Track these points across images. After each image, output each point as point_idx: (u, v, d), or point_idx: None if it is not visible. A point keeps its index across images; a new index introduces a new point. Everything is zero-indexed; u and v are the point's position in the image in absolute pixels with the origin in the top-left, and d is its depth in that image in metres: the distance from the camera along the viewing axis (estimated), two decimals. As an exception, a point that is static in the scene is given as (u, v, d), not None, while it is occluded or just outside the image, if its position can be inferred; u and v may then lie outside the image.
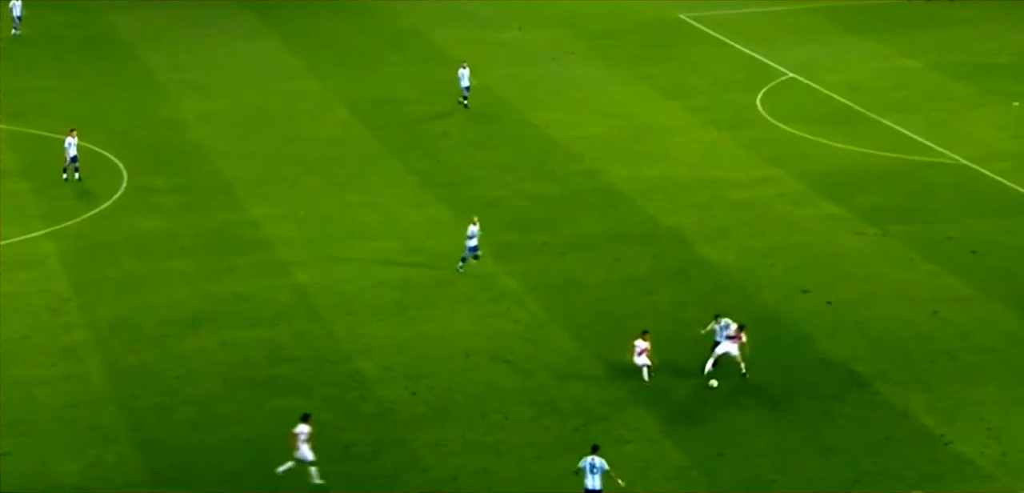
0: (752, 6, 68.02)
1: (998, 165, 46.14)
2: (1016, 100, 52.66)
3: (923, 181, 45.61)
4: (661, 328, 36.60)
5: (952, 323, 36.11)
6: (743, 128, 51.44)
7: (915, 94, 54.24)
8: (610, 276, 39.72)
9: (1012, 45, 59.53)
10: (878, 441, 31.14)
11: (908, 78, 56.33)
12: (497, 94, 56.18)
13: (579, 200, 45.34)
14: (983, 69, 56.50)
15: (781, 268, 39.76)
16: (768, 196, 45.00)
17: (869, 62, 58.58)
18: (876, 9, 66.76)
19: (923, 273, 38.94)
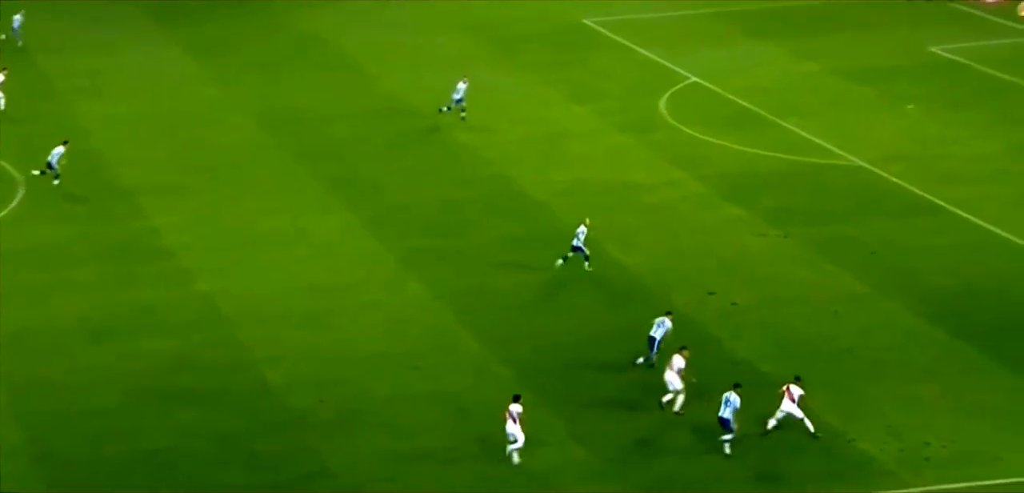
0: (655, 11, 68.44)
1: (895, 167, 46.86)
2: (911, 103, 53.56)
3: (823, 183, 46.17)
4: (571, 331, 36.59)
5: (853, 322, 36.55)
6: (649, 132, 51.69)
7: (814, 97, 54.91)
8: (520, 281, 39.59)
9: (907, 49, 60.57)
10: (782, 440, 31.36)
11: (807, 81, 57.05)
12: (406, 100, 55.83)
13: (489, 205, 45.17)
14: (879, 72, 57.40)
15: (688, 270, 39.96)
16: (675, 199, 45.25)
17: (769, 66, 59.22)
18: (775, 13, 67.53)
19: (824, 273, 39.37)
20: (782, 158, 48.43)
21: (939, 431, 31.49)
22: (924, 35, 62.14)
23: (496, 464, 30.70)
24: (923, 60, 59.09)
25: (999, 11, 65.83)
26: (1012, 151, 48.19)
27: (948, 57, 59.25)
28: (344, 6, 69.18)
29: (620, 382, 33.90)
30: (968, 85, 55.74)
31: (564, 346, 35.86)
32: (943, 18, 65.36)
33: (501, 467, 30.57)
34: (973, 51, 59.63)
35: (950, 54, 59.54)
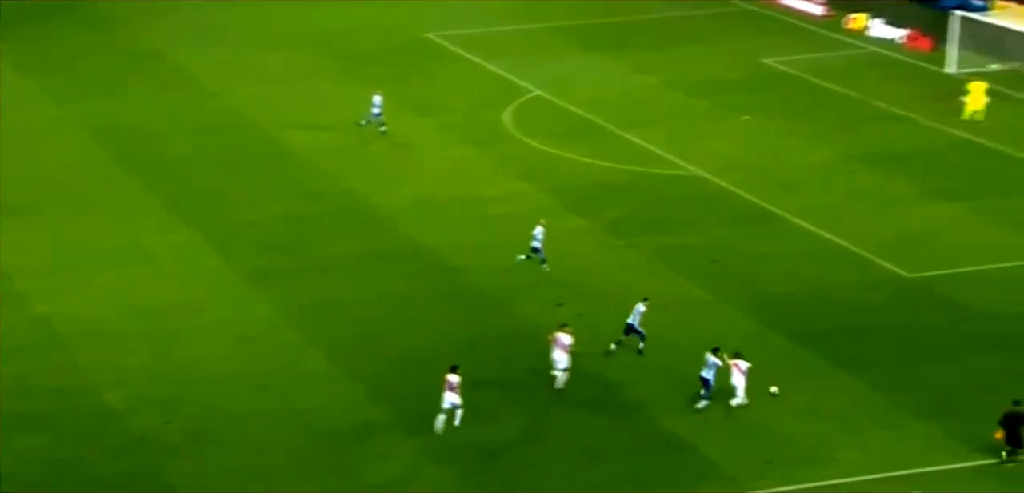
0: (497, 25, 68.72)
1: (733, 176, 47.87)
2: (746, 114, 54.84)
3: (664, 193, 46.90)
4: (420, 346, 36.37)
5: (696, 330, 37.15)
6: (494, 144, 51.81)
7: (654, 109, 55.78)
8: (367, 296, 39.22)
9: (740, 62, 62.04)
10: (631, 448, 31.65)
11: (647, 94, 57.94)
12: (248, 115, 54.88)
13: (334, 220, 44.66)
14: (715, 85, 58.63)
15: (536, 281, 40.10)
16: (520, 211, 45.38)
17: (610, 79, 59.97)
18: (613, 28, 68.47)
19: (667, 282, 39.95)
20: (625, 169, 49.06)
21: (781, 435, 32.17)
22: (757, 48, 63.74)
23: (345, 479, 30.31)
24: (756, 72, 60.60)
25: (826, 24, 67.99)
26: (842, 159, 49.72)
27: (780, 69, 60.89)
28: (181, 21, 67.72)
29: (473, 395, 33.81)
30: (799, 96, 57.35)
31: (414, 361, 35.62)
32: (774, 31, 67.17)
33: (349, 480, 30.16)
34: (803, 63, 61.42)
35: (782, 66, 61.21)
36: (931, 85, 58.08)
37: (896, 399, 33.41)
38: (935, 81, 58.66)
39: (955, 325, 36.85)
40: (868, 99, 56.27)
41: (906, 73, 60.00)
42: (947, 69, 59.47)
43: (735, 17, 70.12)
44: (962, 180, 47.41)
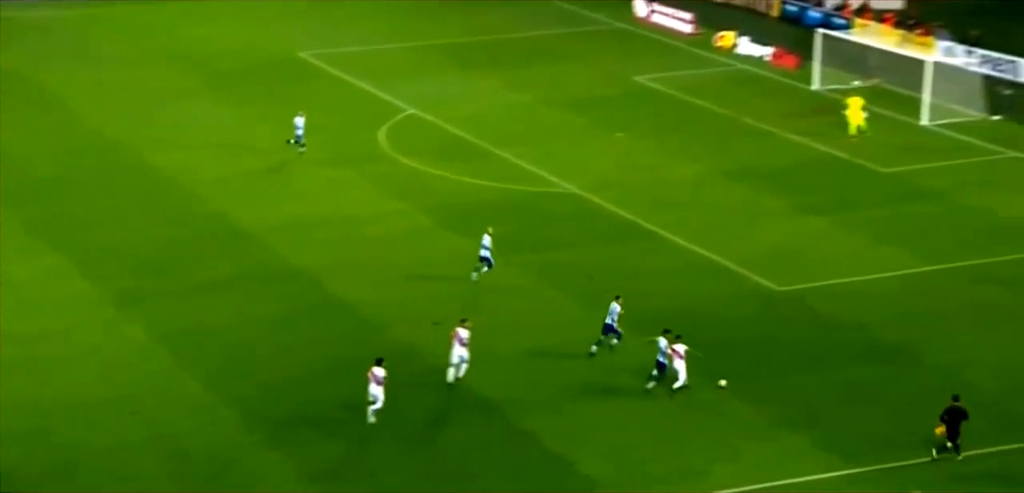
0: (370, 44, 68.41)
1: (607, 193, 48.26)
2: (619, 131, 55.38)
3: (540, 211, 47.06)
4: (295, 369, 35.89)
5: (574, 346, 37.29)
6: (369, 164, 51.45)
7: (529, 127, 55.99)
8: (241, 319, 38.58)
9: (613, 79, 62.66)
10: (509, 467, 31.61)
11: (522, 112, 58.16)
12: (113, 136, 53.68)
13: (206, 242, 43.87)
14: (588, 102, 59.11)
15: (413, 301, 39.89)
16: (397, 231, 45.15)
17: (484, 98, 60.08)
18: (487, 47, 68.66)
19: (545, 300, 40.06)
20: (501, 188, 49.13)
21: (657, 449, 32.43)
22: (629, 66, 64.48)
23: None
24: (629, 90, 61.28)
25: (696, 42, 69.12)
26: (713, 175, 50.48)
27: (652, 86, 61.67)
28: (44, 41, 66.00)
29: (353, 418, 33.46)
30: (671, 113, 58.13)
31: (290, 384, 35.13)
32: (645, 49, 68.05)
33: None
34: (674, 80, 62.30)
35: (653, 83, 62.00)
36: (797, 102, 59.38)
37: (767, 411, 33.94)
38: (801, 98, 59.99)
39: (823, 337, 37.62)
40: (737, 116, 57.29)
41: (773, 90, 61.25)
42: (813, 86, 60.86)
43: (607, 35, 70.88)
44: (829, 194, 48.49)
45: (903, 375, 35.50)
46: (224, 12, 74.60)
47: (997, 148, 53.03)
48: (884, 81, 59.61)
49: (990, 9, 72.00)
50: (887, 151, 52.76)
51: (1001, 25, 68.51)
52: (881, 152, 52.56)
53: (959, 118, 55.98)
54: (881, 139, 54.17)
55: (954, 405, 31.64)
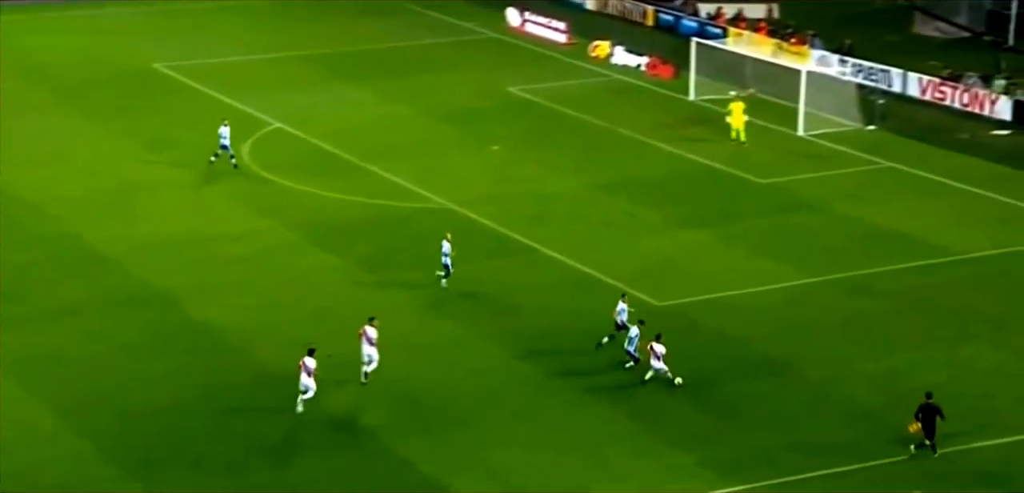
0: (232, 55, 67.21)
1: (485, 209, 47.94)
2: (495, 144, 55.15)
3: (415, 227, 46.52)
4: (154, 398, 34.79)
5: (451, 365, 36.84)
6: (232, 181, 50.35)
7: (403, 140, 55.44)
8: (97, 347, 37.30)
9: (488, 91, 62.46)
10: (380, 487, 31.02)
11: (393, 125, 57.58)
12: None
13: (59, 266, 42.39)
14: (463, 114, 58.81)
15: (281, 324, 39.03)
16: (264, 250, 44.20)
17: (357, 109, 59.39)
18: (359, 57, 67.97)
19: (420, 318, 39.53)
20: (373, 203, 48.48)
21: (535, 470, 32.14)
22: (503, 76, 64.36)
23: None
24: (503, 101, 61.14)
25: (571, 52, 69.33)
26: (590, 188, 50.51)
27: (527, 97, 61.61)
28: None
29: (213, 446, 32.52)
30: (546, 125, 58.11)
31: (149, 413, 34.02)
32: (520, 60, 68.03)
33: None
34: (549, 91, 62.34)
35: (528, 94, 61.96)
36: (674, 112, 59.85)
37: (649, 428, 33.89)
38: (678, 108, 60.49)
39: (705, 352, 37.75)
40: (614, 127, 57.51)
41: (650, 101, 61.67)
42: (689, 96, 61.42)
43: (481, 45, 70.72)
44: (707, 206, 48.86)
45: (785, 389, 35.78)
46: (72, 22, 72.64)
47: (872, 158, 54.10)
48: (760, 91, 60.43)
49: (863, 18, 73.64)
50: (764, 162, 53.43)
51: (873, 34, 70.13)
52: (758, 163, 53.21)
53: (834, 128, 56.99)
54: (758, 150, 54.85)
55: (928, 403, 32.32)
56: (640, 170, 52.54)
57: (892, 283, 42.18)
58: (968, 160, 53.76)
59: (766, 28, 67.33)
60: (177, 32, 71.16)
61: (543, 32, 71.89)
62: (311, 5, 77.24)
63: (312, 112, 58.37)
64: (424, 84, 63.26)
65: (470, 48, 70.02)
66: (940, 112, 59.51)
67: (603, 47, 68.25)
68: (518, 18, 73.61)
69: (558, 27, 71.24)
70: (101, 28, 71.67)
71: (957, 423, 33.74)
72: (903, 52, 65.95)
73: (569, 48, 69.75)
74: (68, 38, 69.39)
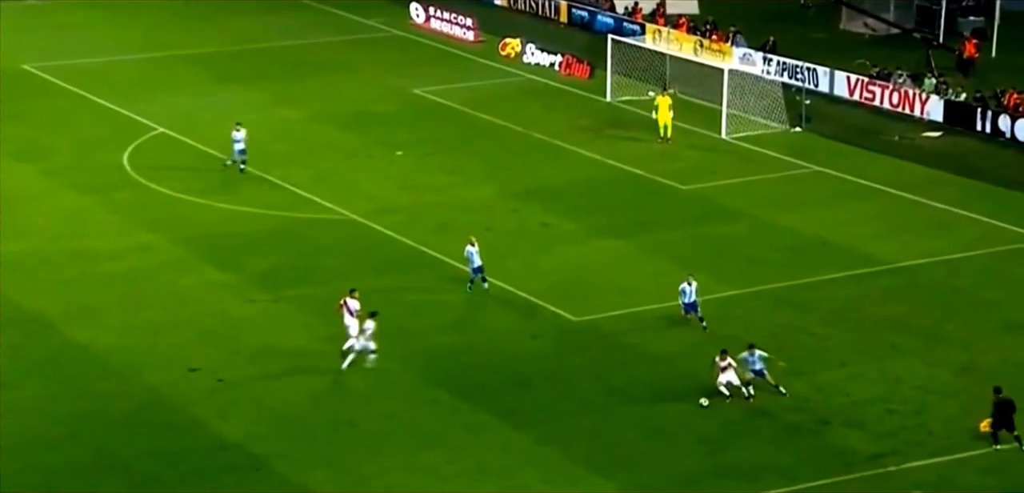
0: (110, 54, 66.30)
1: (388, 219, 47.73)
2: (399, 150, 54.98)
3: (314, 240, 46.19)
4: (26, 430, 34.09)
5: (353, 390, 36.59)
6: (111, 191, 49.62)
7: (298, 146, 55.04)
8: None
9: (392, 93, 62.26)
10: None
11: (289, 129, 57.16)
12: None
13: (-82, 285, 41.45)
14: (365, 118, 58.55)
15: (165, 346, 38.49)
16: (146, 266, 43.58)
17: (247, 114, 58.62)
18: (252, 56, 67.41)
19: (319, 338, 39.22)
20: (267, 214, 48.05)
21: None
22: (407, 77, 64.22)
23: None
24: (408, 103, 60.98)
25: (479, 51, 69.36)
26: (502, 196, 50.51)
27: (433, 99, 61.52)
28: None
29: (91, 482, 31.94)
30: (455, 128, 58.06)
31: (21, 448, 33.36)
32: (426, 59, 67.93)
33: None
34: (457, 92, 62.31)
35: (435, 96, 61.88)
36: (590, 114, 60.12)
37: (566, 452, 33.92)
38: (594, 110, 60.77)
39: (624, 370, 37.88)
40: (527, 130, 57.63)
41: (564, 102, 61.89)
42: (606, 97, 61.74)
43: (383, 44, 70.53)
44: (626, 215, 49.10)
45: (710, 409, 35.99)
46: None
47: (798, 161, 54.77)
48: (681, 91, 60.94)
49: (788, 14, 74.61)
50: (686, 166, 53.86)
51: (799, 30, 71.09)
52: (680, 168, 53.62)
53: (759, 130, 57.63)
54: (680, 154, 55.29)
55: (1000, 399, 33.30)
56: (555, 176, 52.70)
57: (819, 294, 42.71)
58: (899, 163, 54.66)
59: (686, 24, 67.92)
60: (49, 30, 70.06)
61: (450, 29, 71.89)
62: (194, 1, 76.47)
63: (200, 116, 57.75)
64: (322, 86, 62.90)
65: (372, 47, 69.78)
66: (869, 113, 60.45)
67: (514, 45, 68.41)
68: (423, 15, 73.55)
69: (466, 24, 71.28)
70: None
71: (889, 441, 34.21)
72: (830, 49, 66.94)
73: (478, 46, 69.80)
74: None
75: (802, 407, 35.97)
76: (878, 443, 33.94)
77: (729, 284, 43.29)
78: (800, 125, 58.36)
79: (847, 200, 50.86)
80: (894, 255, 45.58)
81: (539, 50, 67.34)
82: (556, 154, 55.15)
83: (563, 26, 74.14)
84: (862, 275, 44.08)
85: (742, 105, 57.87)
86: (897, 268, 44.73)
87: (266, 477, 32.59)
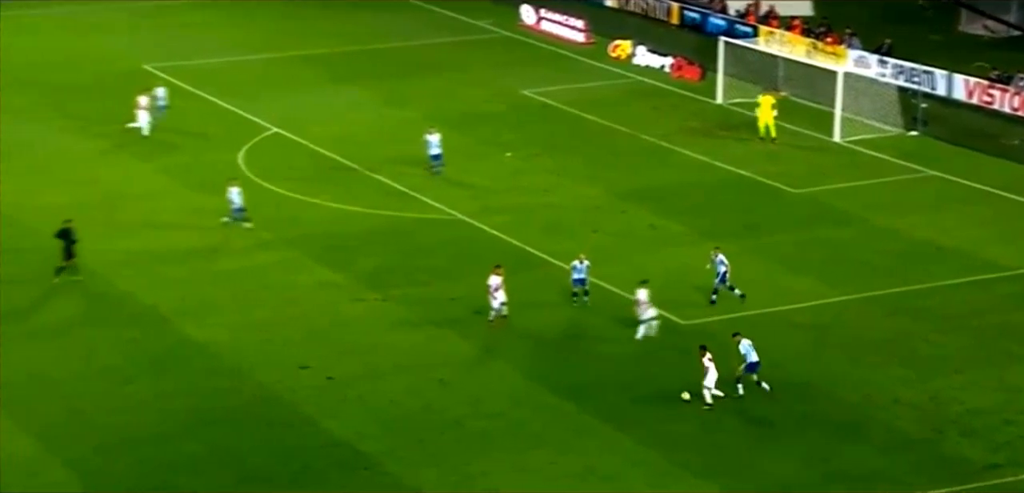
0: (226, 55, 67.50)
1: (495, 219, 48.05)
2: (508, 150, 55.28)
3: (423, 239, 46.66)
4: (140, 425, 34.94)
5: (460, 390, 36.94)
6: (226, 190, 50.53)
7: (407, 147, 55.55)
8: (80, 367, 37.51)
9: (501, 93, 62.60)
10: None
11: (399, 130, 57.73)
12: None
13: (40, 282, 42.62)
14: (474, 118, 58.95)
15: (277, 344, 39.18)
16: (259, 264, 44.38)
17: (359, 114, 59.59)
18: (364, 57, 68.20)
19: (428, 338, 39.64)
20: (377, 214, 48.64)
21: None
22: (517, 78, 64.51)
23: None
24: (517, 104, 61.27)
25: (589, 52, 69.43)
26: (609, 197, 50.57)
27: (542, 101, 61.73)
28: None
29: (202, 477, 32.67)
30: (563, 130, 58.21)
31: (137, 443, 34.17)
32: (535, 60, 68.17)
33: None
34: (566, 94, 62.45)
35: (544, 97, 62.09)
36: (700, 116, 59.90)
37: (671, 455, 33.90)
38: (704, 112, 60.54)
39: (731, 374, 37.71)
40: (635, 132, 57.58)
41: (674, 103, 61.72)
42: (717, 99, 61.45)
43: (493, 45, 70.91)
44: (735, 217, 48.87)
45: (815, 413, 35.74)
46: (53, 20, 73.12)
47: (913, 166, 54.06)
48: (793, 94, 60.46)
49: (904, 15, 73.59)
50: (797, 170, 53.43)
51: (915, 32, 70.07)
52: (790, 171, 53.21)
53: (873, 133, 56.98)
54: (790, 157, 54.86)
55: None
56: (663, 177, 52.62)
57: (934, 301, 42.15)
58: (1017, 168, 53.69)
59: (800, 26, 67.33)
60: (169, 31, 71.53)
61: (560, 31, 72.05)
62: (309, 1, 77.56)
63: (312, 116, 58.60)
64: (432, 86, 63.44)
65: (482, 48, 70.20)
66: (987, 116, 59.43)
67: (624, 47, 68.37)
68: (533, 15, 73.79)
69: (576, 25, 71.39)
70: (86, 26, 72.12)
71: (1005, 452, 33.68)
72: (948, 52, 65.89)
73: (588, 48, 69.87)
74: (52, 38, 69.81)
75: (916, 415, 35.54)
76: (995, 454, 33.42)
77: (839, 289, 42.90)
78: (916, 129, 57.57)
79: (963, 205, 50.10)
80: (1013, 261, 44.81)
81: (649, 52, 67.25)
82: (664, 156, 55.05)
83: (674, 28, 73.91)
84: (979, 281, 43.42)
85: (856, 108, 57.26)
86: (1016, 274, 43.97)
87: (375, 475, 33.02)
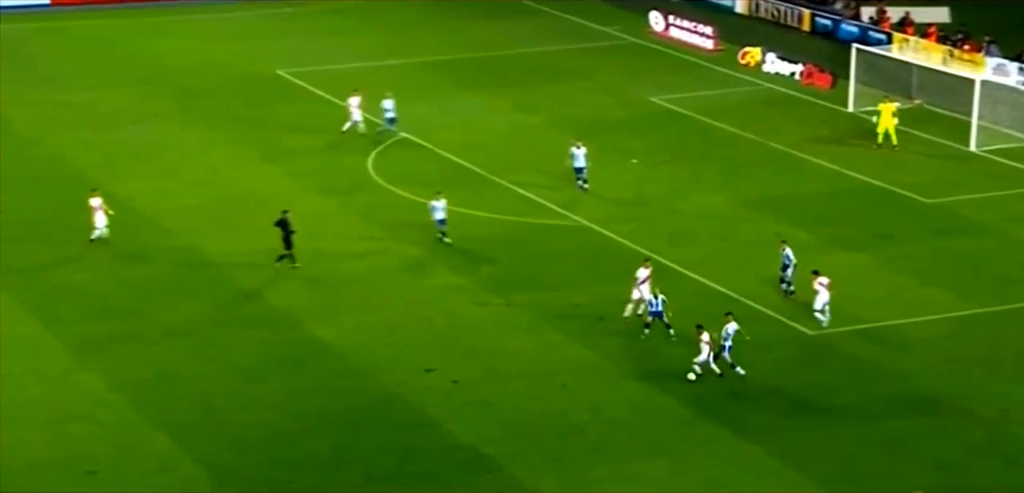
0: (356, 61, 68.34)
1: (621, 227, 48.00)
2: (635, 157, 55.17)
3: (546, 245, 46.80)
4: (271, 422, 35.58)
5: (581, 396, 36.98)
6: (354, 194, 51.23)
7: (534, 152, 55.77)
8: (211, 366, 38.29)
9: (628, 100, 62.51)
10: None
11: (526, 136, 57.97)
12: (70, 163, 53.52)
13: (173, 281, 43.62)
14: (601, 124, 58.93)
15: (402, 346, 39.61)
16: (385, 267, 44.90)
17: (485, 120, 59.93)
18: (489, 63, 68.57)
19: (550, 344, 39.76)
20: (502, 219, 48.89)
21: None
22: (644, 85, 64.36)
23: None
24: (644, 112, 61.13)
25: (718, 59, 68.98)
26: (737, 205, 50.21)
27: (669, 108, 61.50)
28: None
29: (330, 474, 33.14)
30: (691, 137, 57.94)
31: (265, 441, 34.81)
32: (663, 67, 67.95)
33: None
34: (694, 101, 62.14)
35: (671, 104, 61.85)
36: (831, 125, 59.19)
37: (798, 468, 33.58)
38: (835, 120, 59.81)
39: (861, 385, 37.26)
40: (764, 140, 57.10)
41: (804, 112, 61.08)
42: (848, 107, 60.66)
43: (620, 51, 70.82)
44: (866, 227, 48.21)
45: (948, 428, 35.14)
46: (191, 26, 74.72)
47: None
48: (927, 102, 59.43)
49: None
50: (931, 179, 52.54)
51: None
52: (924, 180, 52.34)
53: (1011, 143, 55.77)
54: (924, 166, 53.94)
55: None
56: (792, 186, 52.11)
57: (1072, 315, 41.13)
58: None
59: (936, 33, 66.15)
60: (301, 37, 72.61)
61: (689, 37, 71.73)
62: (436, 7, 78.22)
63: (439, 122, 59.09)
64: (558, 93, 63.57)
65: (609, 55, 70.16)
66: None
67: (754, 54, 67.83)
68: (662, 22, 73.57)
69: (705, 32, 71.02)
70: (222, 32, 73.56)
71: None
72: (1090, 59, 64.16)
73: (717, 55, 69.46)
74: (189, 43, 71.35)
75: (1049, 432, 34.78)
76: None
77: (973, 302, 42.09)
78: (1055, 138, 56.27)
79: (1104, 217, 48.78)
80: None
81: (779, 59, 66.63)
82: (793, 164, 54.51)
83: (805, 34, 73.11)
84: (1119, 296, 42.26)
85: (994, 117, 56.11)
86: None
87: (498, 479, 33.20)
